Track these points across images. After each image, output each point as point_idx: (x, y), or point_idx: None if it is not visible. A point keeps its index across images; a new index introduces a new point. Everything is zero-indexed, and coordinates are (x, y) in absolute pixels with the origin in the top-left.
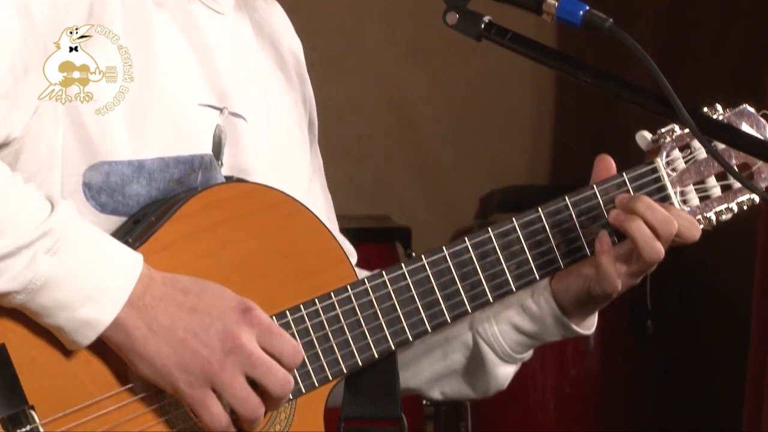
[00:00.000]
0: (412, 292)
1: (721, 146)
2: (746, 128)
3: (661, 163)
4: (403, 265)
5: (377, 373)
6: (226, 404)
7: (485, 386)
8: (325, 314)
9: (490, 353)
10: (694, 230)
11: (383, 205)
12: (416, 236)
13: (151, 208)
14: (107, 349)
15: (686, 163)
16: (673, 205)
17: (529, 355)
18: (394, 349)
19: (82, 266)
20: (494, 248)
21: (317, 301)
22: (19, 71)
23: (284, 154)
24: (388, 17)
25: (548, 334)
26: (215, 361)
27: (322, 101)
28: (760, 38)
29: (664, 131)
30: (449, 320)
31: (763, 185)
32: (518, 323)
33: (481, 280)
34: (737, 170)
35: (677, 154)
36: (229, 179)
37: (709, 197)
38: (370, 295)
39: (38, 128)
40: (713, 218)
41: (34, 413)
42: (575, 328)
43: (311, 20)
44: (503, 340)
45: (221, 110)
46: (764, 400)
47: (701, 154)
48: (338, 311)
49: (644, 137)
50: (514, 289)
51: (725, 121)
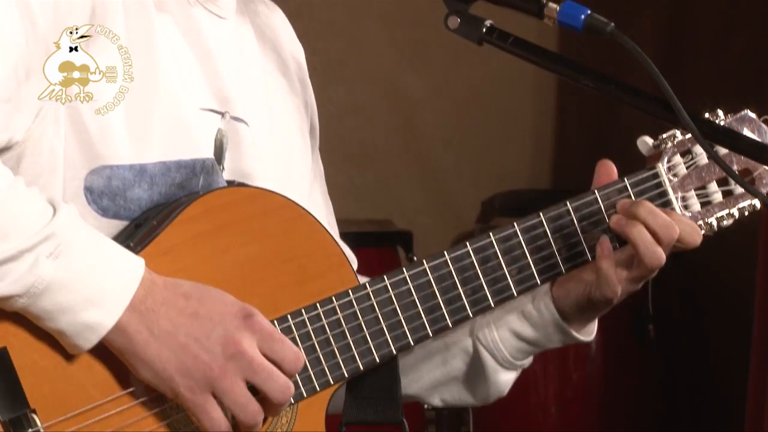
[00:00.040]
0: (413, 296)
1: (722, 151)
2: (748, 134)
3: (662, 168)
4: (404, 269)
5: (378, 377)
6: (226, 409)
7: (485, 393)
8: (326, 318)
9: (490, 360)
10: (695, 235)
11: (384, 209)
12: (417, 240)
13: (152, 212)
14: (108, 353)
15: (687, 168)
16: (674, 210)
17: (529, 361)
18: (395, 353)
19: (84, 270)
20: (495, 253)
21: (318, 305)
22: (21, 75)
23: (286, 158)
24: (389, 21)
25: (548, 340)
26: (216, 366)
27: (323, 105)
28: (761, 42)
29: (665, 137)
30: (450, 325)
31: (764, 191)
32: (519, 329)
33: (482, 284)
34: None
35: (678, 159)
36: (230, 183)
37: (710, 203)
38: (371, 299)
39: (40, 132)
40: (714, 224)
41: (35, 417)
42: (575, 334)
43: (312, 24)
44: (503, 346)
45: (223, 114)
46: (766, 404)
47: (702, 159)
48: (339, 315)
49: (645, 143)
50: (515, 293)
51: (727, 126)
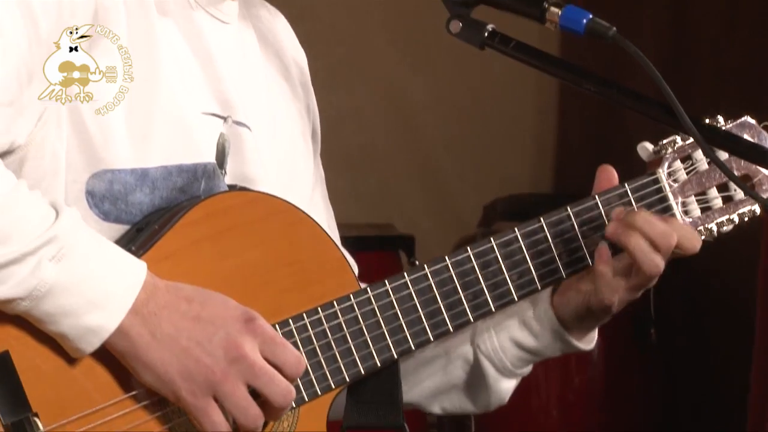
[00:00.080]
0: (414, 301)
1: (723, 156)
2: (748, 139)
3: (662, 173)
4: (405, 274)
5: (380, 381)
6: (227, 413)
7: (486, 401)
8: (327, 323)
9: (490, 368)
10: (694, 241)
11: (386, 213)
12: (419, 244)
13: (154, 216)
14: (110, 356)
15: (688, 174)
16: (674, 215)
17: (529, 369)
18: (396, 357)
19: (86, 273)
20: (496, 258)
21: (320, 309)
22: (23, 78)
23: (288, 163)
24: (391, 26)
25: (548, 349)
26: (218, 370)
27: (324, 109)
28: (762, 46)
29: (665, 142)
30: (451, 329)
31: (764, 196)
32: (519, 338)
33: (483, 289)
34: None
35: (679, 165)
36: (232, 188)
37: (710, 208)
38: (372, 303)
39: (42, 135)
40: (714, 229)
41: (37, 420)
42: (575, 343)
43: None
44: (504, 355)
45: (225, 119)
46: None
47: (703, 165)
48: (341, 320)
49: (646, 148)
50: (515, 298)
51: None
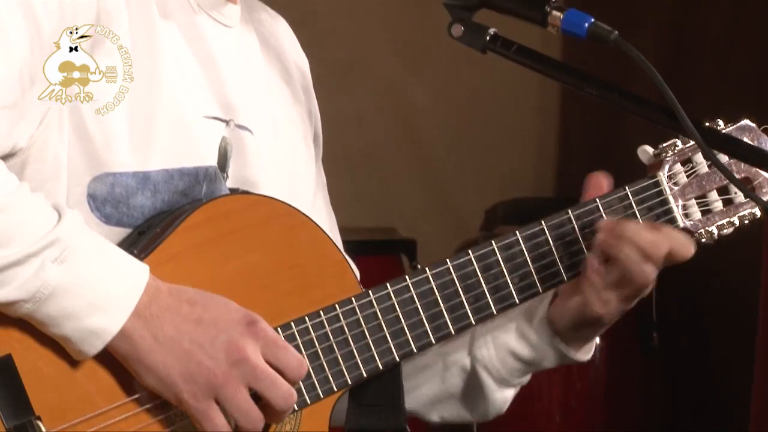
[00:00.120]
0: (416, 303)
1: (723, 159)
2: (748, 143)
3: (663, 176)
4: (407, 277)
5: (382, 384)
6: (228, 416)
7: (484, 411)
8: (329, 326)
9: (488, 378)
10: (687, 248)
11: (388, 217)
12: (421, 248)
13: (155, 219)
14: (113, 359)
15: (688, 177)
16: (675, 218)
17: (527, 378)
18: (398, 360)
19: (89, 275)
20: (498, 261)
21: (322, 312)
22: (26, 81)
23: (291, 167)
24: (393, 29)
25: (545, 360)
26: (220, 372)
27: (326, 113)
28: (765, 49)
29: (665, 145)
30: (453, 332)
31: (764, 199)
32: (516, 349)
33: (484, 292)
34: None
35: (679, 167)
36: (234, 191)
37: (710, 211)
38: (374, 306)
39: (44, 138)
40: (715, 232)
41: (40, 424)
42: (572, 354)
43: (316, 33)
44: (501, 366)
45: (227, 122)
46: None
47: (703, 168)
48: (343, 323)
49: (646, 151)
50: (517, 301)
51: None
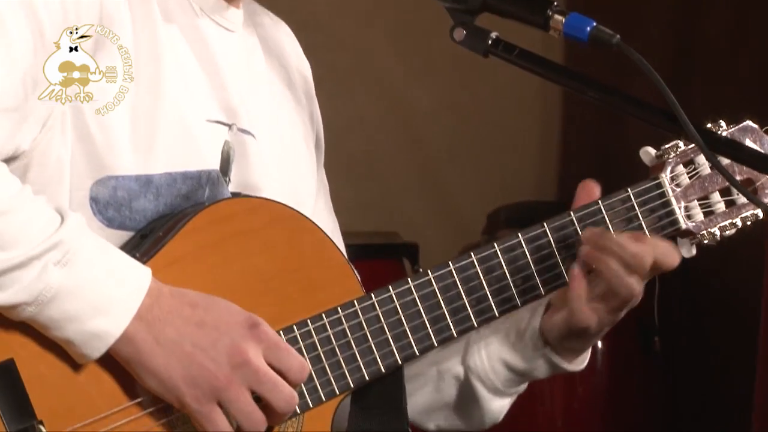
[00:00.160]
0: (418, 306)
1: (725, 161)
2: (749, 144)
3: (665, 178)
4: (409, 279)
5: (384, 387)
6: (231, 418)
7: (480, 420)
8: (332, 329)
9: (482, 389)
10: (672, 257)
11: (390, 221)
12: (423, 252)
13: (158, 223)
14: (115, 363)
15: (690, 178)
16: (677, 219)
17: (523, 387)
18: (400, 363)
19: (91, 278)
20: (500, 263)
21: (324, 315)
22: (29, 85)
23: (293, 171)
24: (395, 33)
25: (537, 371)
26: (222, 375)
27: (329, 117)
28: (766, 52)
29: (668, 147)
30: (455, 335)
31: (766, 200)
32: (508, 360)
33: (487, 294)
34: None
35: (681, 169)
36: (236, 195)
37: (713, 212)
38: (376, 309)
39: (47, 141)
40: (717, 233)
41: (42, 428)
42: (564, 365)
43: (318, 36)
44: (495, 377)
45: (230, 126)
46: None
47: (705, 169)
48: (345, 326)
49: (648, 153)
50: (519, 304)
51: (729, 136)
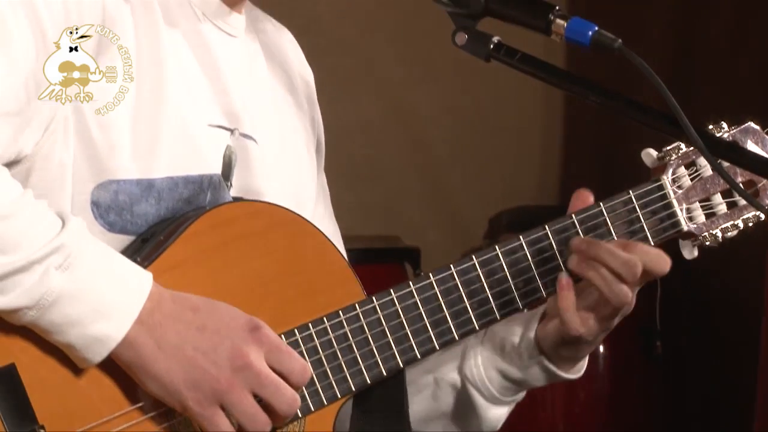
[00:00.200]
0: (419, 309)
1: (726, 163)
2: (751, 145)
3: (666, 180)
4: (410, 282)
5: (386, 390)
6: (234, 422)
7: (477, 428)
8: (333, 332)
9: (479, 397)
10: (662, 265)
11: (392, 225)
12: (425, 257)
13: (159, 227)
14: (117, 367)
15: (692, 180)
16: (679, 221)
17: (521, 395)
18: (402, 366)
19: (92, 282)
20: (501, 266)
21: (325, 319)
22: (31, 89)
23: (294, 176)
24: (397, 38)
25: (534, 380)
26: (224, 379)
27: (330, 121)
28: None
29: (669, 149)
30: (457, 338)
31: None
32: (504, 369)
33: (488, 297)
34: (743, 187)
35: (683, 171)
36: (237, 200)
37: (715, 214)
38: (377, 313)
39: (49, 145)
40: (719, 235)
41: None
42: (560, 374)
43: (320, 41)
44: (491, 385)
45: (232, 131)
46: None
47: (707, 171)
48: (346, 329)
49: (650, 155)
50: (521, 306)
51: (730, 138)
